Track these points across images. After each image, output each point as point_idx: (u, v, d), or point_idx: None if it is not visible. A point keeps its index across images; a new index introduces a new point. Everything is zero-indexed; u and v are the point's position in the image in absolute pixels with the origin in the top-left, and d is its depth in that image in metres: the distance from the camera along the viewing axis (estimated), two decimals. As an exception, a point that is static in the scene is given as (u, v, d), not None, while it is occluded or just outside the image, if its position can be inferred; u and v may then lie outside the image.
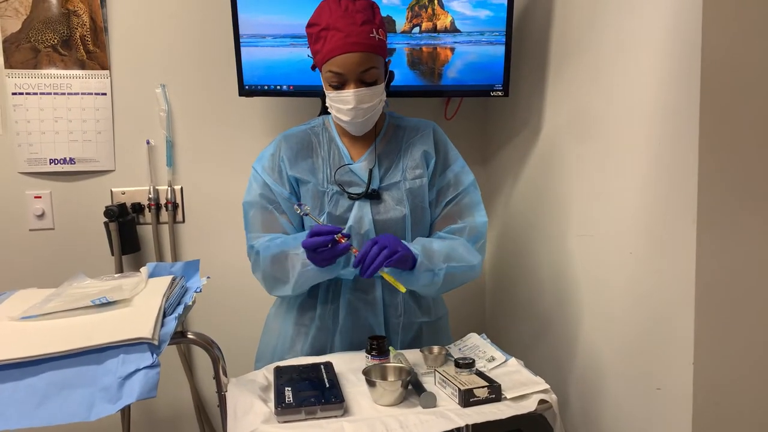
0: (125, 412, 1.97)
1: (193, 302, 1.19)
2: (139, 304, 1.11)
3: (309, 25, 1.36)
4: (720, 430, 1.18)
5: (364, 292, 1.44)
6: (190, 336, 1.17)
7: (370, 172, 1.43)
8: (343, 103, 1.35)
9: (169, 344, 1.02)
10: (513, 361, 1.28)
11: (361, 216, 1.40)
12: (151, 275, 1.28)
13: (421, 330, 1.50)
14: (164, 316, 1.07)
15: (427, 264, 1.33)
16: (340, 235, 1.27)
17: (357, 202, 1.41)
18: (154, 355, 0.96)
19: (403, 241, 1.35)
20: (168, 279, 1.23)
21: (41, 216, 1.94)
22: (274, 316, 1.56)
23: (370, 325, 1.46)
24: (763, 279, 1.17)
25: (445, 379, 1.15)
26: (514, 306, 2.00)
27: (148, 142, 1.96)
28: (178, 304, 1.15)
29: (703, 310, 1.14)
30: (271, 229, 1.44)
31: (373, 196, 1.42)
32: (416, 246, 1.35)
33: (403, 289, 1.28)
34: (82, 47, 1.89)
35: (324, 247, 1.28)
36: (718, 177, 1.13)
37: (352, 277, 1.44)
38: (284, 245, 1.37)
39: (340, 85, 1.34)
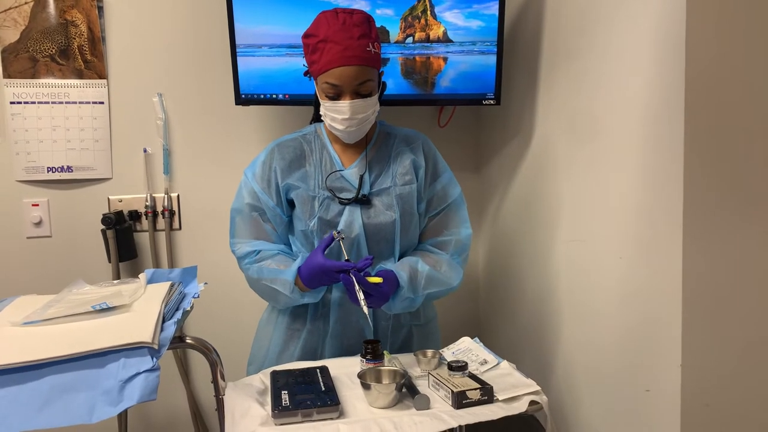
0: (122, 417, 1.98)
1: (192, 307, 1.21)
2: (138, 309, 1.13)
3: (306, 36, 1.39)
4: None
5: None
6: (188, 340, 1.19)
7: (361, 177, 1.46)
8: (338, 113, 1.38)
9: (168, 348, 1.04)
10: (505, 363, 1.30)
11: (351, 220, 1.43)
12: (150, 281, 1.29)
13: (410, 333, 1.53)
14: (163, 321, 1.09)
15: (406, 293, 1.39)
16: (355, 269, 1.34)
17: (347, 207, 1.44)
18: (154, 359, 0.98)
19: (388, 263, 1.44)
20: (166, 285, 1.24)
21: (39, 224, 1.95)
22: (266, 321, 1.58)
23: (361, 329, 1.48)
24: (748, 280, 1.20)
25: (438, 381, 1.18)
26: (507, 310, 2.02)
27: (145, 150, 1.98)
28: (177, 309, 1.17)
29: (690, 313, 1.17)
30: (256, 236, 1.48)
31: (363, 201, 1.45)
32: (403, 273, 1.40)
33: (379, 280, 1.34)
34: (79, 57, 1.91)
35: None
36: (703, 182, 1.15)
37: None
38: (271, 274, 1.42)
39: (335, 96, 1.37)
